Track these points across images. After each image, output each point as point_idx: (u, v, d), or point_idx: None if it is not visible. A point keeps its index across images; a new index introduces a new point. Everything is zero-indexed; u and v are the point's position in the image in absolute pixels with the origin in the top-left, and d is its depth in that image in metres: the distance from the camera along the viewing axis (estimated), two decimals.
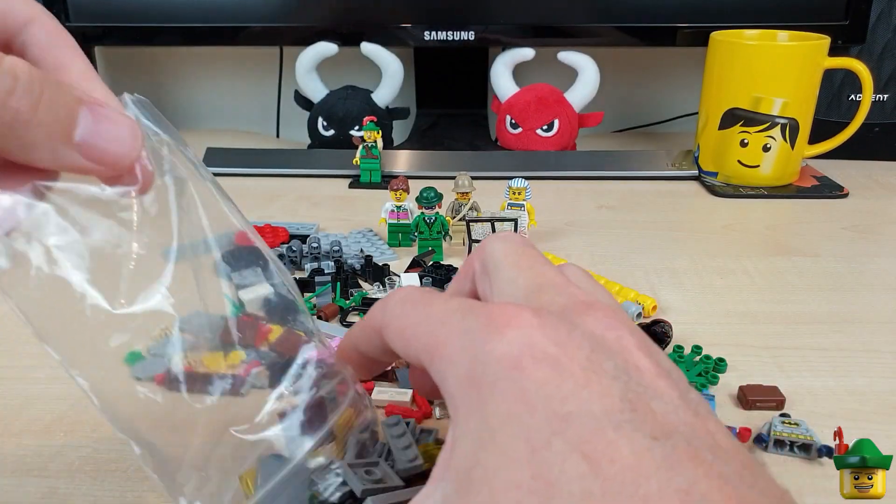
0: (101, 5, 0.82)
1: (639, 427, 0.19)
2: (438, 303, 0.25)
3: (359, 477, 0.32)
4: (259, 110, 1.04)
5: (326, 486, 0.32)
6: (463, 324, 0.23)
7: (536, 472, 0.19)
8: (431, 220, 0.58)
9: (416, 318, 0.25)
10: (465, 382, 0.21)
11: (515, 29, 0.82)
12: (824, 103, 0.80)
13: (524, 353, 0.21)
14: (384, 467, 0.33)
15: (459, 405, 0.21)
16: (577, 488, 0.18)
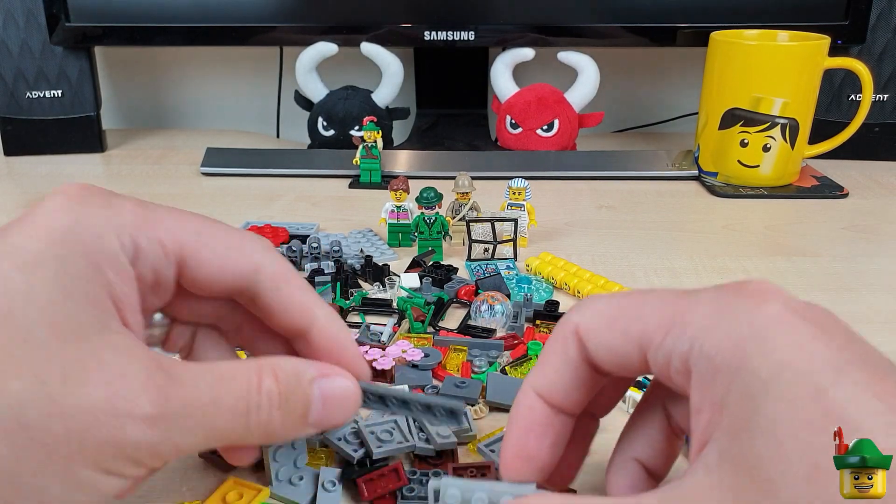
0: (101, 5, 0.82)
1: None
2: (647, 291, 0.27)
3: (374, 437, 0.34)
4: (259, 110, 1.04)
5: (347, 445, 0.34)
6: (716, 293, 0.24)
7: (827, 410, 0.20)
8: (431, 220, 0.58)
9: (629, 302, 0.26)
10: (727, 342, 0.23)
11: (515, 29, 0.82)
12: (824, 103, 0.80)
13: (791, 312, 0.22)
14: (401, 429, 0.35)
15: (720, 366, 0.22)
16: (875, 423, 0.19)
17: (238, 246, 0.29)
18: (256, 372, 0.26)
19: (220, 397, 0.25)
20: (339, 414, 0.28)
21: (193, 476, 0.35)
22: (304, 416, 0.27)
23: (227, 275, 0.28)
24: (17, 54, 0.82)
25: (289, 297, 0.29)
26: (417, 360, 0.43)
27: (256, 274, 0.29)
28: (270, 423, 0.26)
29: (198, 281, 0.28)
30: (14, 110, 0.84)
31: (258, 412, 0.25)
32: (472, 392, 0.40)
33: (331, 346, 0.30)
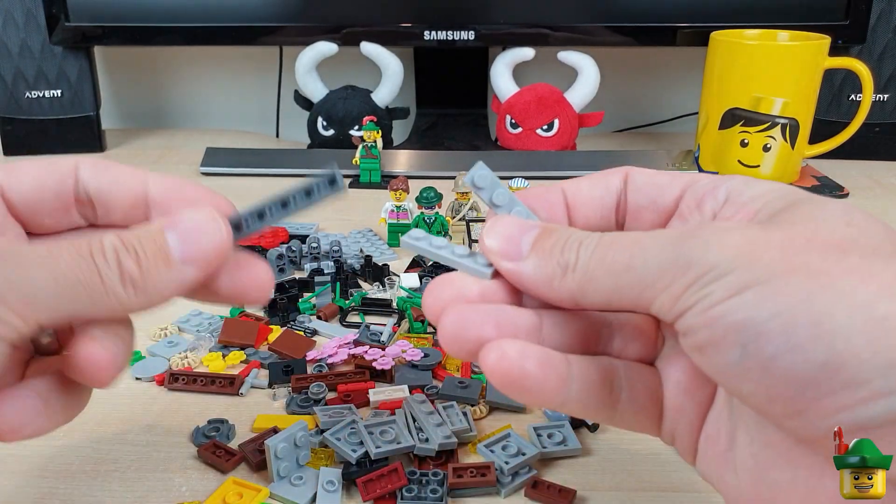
0: (101, 5, 0.82)
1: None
2: None
3: (374, 437, 0.35)
4: (259, 110, 1.04)
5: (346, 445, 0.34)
6: None
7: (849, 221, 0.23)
8: (431, 220, 0.58)
9: None
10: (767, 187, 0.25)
11: (515, 29, 0.82)
12: (824, 103, 0.79)
13: None
14: (401, 429, 0.35)
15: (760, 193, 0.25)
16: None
17: (50, 160, 0.29)
18: (98, 234, 0.25)
19: (54, 249, 0.24)
20: (206, 240, 0.26)
21: (193, 477, 0.35)
22: (163, 254, 0.25)
23: (50, 182, 0.29)
24: (17, 54, 0.82)
25: (116, 172, 0.29)
26: (417, 360, 0.43)
27: (76, 168, 0.29)
28: (125, 268, 0.25)
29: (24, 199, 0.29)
30: (14, 110, 0.84)
31: (103, 255, 0.24)
32: (472, 392, 0.40)
33: (172, 194, 0.29)
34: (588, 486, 0.34)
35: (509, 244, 0.25)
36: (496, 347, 0.24)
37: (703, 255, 0.22)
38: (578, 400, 0.25)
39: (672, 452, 0.37)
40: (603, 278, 0.23)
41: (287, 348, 0.45)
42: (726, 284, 0.21)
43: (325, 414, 0.38)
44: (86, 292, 0.24)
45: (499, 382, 0.24)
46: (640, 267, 0.22)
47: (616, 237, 0.24)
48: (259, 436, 0.37)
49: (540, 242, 0.25)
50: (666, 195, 0.28)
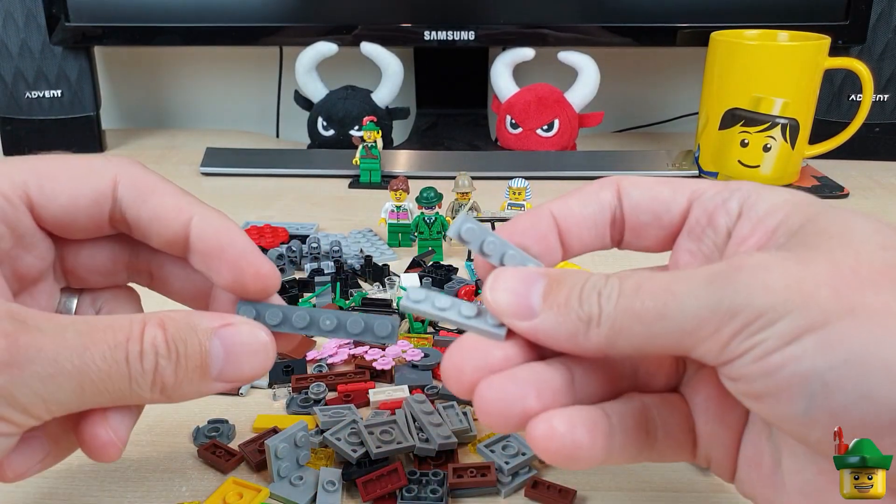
0: (101, 5, 0.81)
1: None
2: None
3: (374, 437, 0.35)
4: (259, 110, 1.04)
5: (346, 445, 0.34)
6: None
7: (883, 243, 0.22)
8: (431, 220, 0.58)
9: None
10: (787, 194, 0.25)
11: (515, 29, 0.82)
12: (825, 103, 0.79)
13: None
14: (401, 429, 0.35)
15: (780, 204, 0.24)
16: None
17: (88, 170, 0.27)
18: (141, 321, 0.24)
19: (90, 344, 0.23)
20: (249, 365, 0.26)
21: (193, 476, 0.35)
22: (203, 368, 0.24)
23: (84, 200, 0.27)
24: (17, 54, 0.82)
25: (159, 203, 0.27)
26: (417, 360, 0.43)
27: (115, 189, 0.27)
28: (160, 376, 0.24)
29: (59, 219, 0.27)
30: (14, 110, 0.84)
31: (139, 362, 0.23)
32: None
33: (213, 244, 0.27)
34: (588, 486, 0.34)
35: (518, 301, 0.24)
36: (543, 423, 0.23)
37: (748, 300, 0.20)
38: (622, 450, 0.25)
39: None
40: (634, 328, 0.22)
41: (287, 348, 0.45)
42: (781, 331, 0.20)
43: (325, 414, 0.38)
44: (109, 393, 0.23)
45: (550, 458, 0.23)
46: (675, 316, 0.21)
47: (639, 282, 0.22)
48: (259, 436, 0.37)
49: (552, 295, 0.23)
50: (671, 210, 0.26)
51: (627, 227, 0.27)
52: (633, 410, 0.25)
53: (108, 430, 0.25)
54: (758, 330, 0.20)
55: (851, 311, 0.20)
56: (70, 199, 0.27)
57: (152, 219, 0.27)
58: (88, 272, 0.30)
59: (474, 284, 0.53)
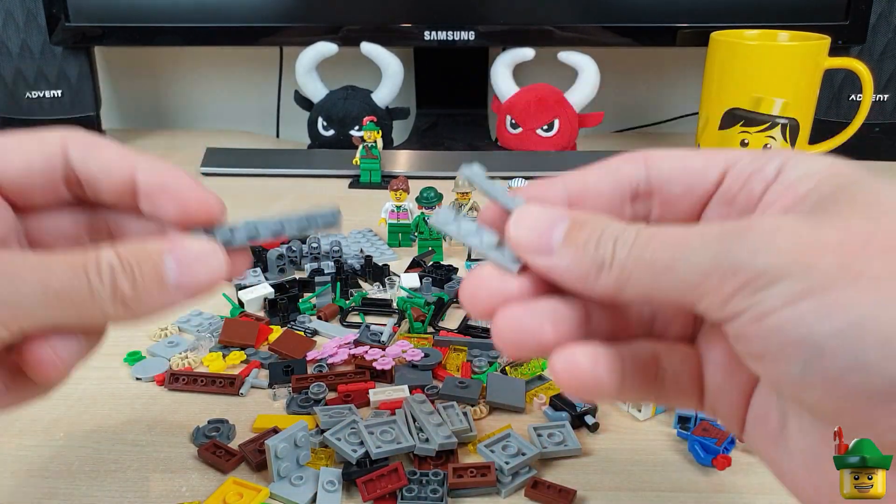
0: (101, 5, 0.82)
1: None
2: None
3: (374, 437, 0.35)
4: (259, 110, 1.04)
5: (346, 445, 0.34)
6: None
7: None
8: None
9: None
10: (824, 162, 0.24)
11: (515, 29, 0.82)
12: (824, 103, 0.79)
13: None
14: (401, 430, 0.35)
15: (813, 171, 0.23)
16: None
17: (36, 137, 0.29)
18: (96, 247, 0.25)
19: (51, 262, 0.24)
20: (202, 270, 0.27)
21: (193, 477, 0.35)
22: (159, 279, 0.26)
23: (35, 164, 0.28)
24: (17, 54, 0.82)
25: (103, 156, 0.29)
26: (417, 360, 0.43)
27: (65, 150, 0.29)
28: (119, 288, 0.25)
29: (12, 180, 0.28)
30: (14, 110, 0.84)
31: (98, 275, 0.25)
32: (472, 392, 0.40)
33: (159, 185, 0.29)
34: (588, 486, 0.34)
35: (539, 237, 0.24)
36: (567, 357, 0.24)
37: (751, 258, 0.20)
38: (630, 390, 0.25)
39: (672, 452, 0.37)
40: (642, 277, 0.22)
41: (287, 348, 0.45)
42: (780, 292, 0.20)
43: (325, 414, 0.38)
44: (73, 306, 0.24)
45: (570, 388, 0.24)
46: (681, 268, 0.21)
47: (654, 233, 0.22)
48: (259, 436, 0.37)
49: (572, 235, 0.24)
50: (706, 179, 0.26)
51: (658, 199, 0.27)
52: (644, 355, 0.26)
53: (50, 350, 0.25)
54: (758, 289, 0.20)
55: (855, 277, 0.19)
56: (24, 165, 0.28)
57: (101, 170, 0.29)
58: (53, 239, 0.31)
59: None
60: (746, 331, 0.21)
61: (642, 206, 0.28)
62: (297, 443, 0.34)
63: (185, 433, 0.38)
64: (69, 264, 0.24)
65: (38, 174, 0.29)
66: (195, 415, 0.39)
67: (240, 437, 0.38)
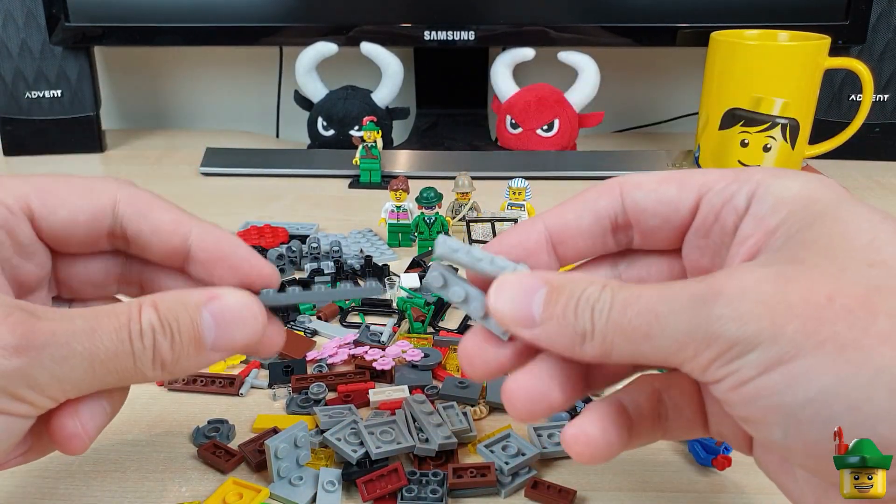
0: (101, 5, 0.81)
1: None
2: None
3: (374, 438, 0.35)
4: (259, 110, 1.04)
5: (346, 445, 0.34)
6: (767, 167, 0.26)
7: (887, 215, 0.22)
8: (431, 220, 0.58)
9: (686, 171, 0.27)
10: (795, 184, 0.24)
11: (515, 29, 0.82)
12: (825, 103, 0.79)
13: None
14: (401, 430, 0.35)
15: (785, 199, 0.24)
16: None
17: (88, 187, 0.29)
18: (136, 303, 0.26)
19: (96, 327, 0.24)
20: (240, 331, 0.27)
21: (193, 477, 0.35)
22: (197, 341, 0.26)
23: (83, 216, 0.28)
24: (17, 54, 0.82)
25: (158, 219, 0.29)
26: (417, 360, 0.43)
27: (115, 206, 0.29)
28: (159, 352, 0.25)
29: (58, 231, 0.28)
30: (14, 110, 0.84)
31: (141, 339, 0.25)
32: (472, 392, 0.40)
33: (216, 254, 0.29)
34: (588, 486, 0.34)
35: (520, 311, 0.24)
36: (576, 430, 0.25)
37: (722, 329, 0.21)
38: (638, 437, 0.26)
39: (672, 452, 0.37)
40: (623, 346, 0.23)
41: (287, 348, 0.45)
42: (753, 361, 0.20)
43: (325, 414, 0.38)
44: (116, 373, 0.25)
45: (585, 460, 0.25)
46: (658, 337, 0.22)
47: (628, 299, 0.23)
48: (259, 436, 0.37)
49: (550, 306, 0.24)
50: (679, 210, 0.26)
51: (636, 230, 0.28)
52: (646, 397, 0.27)
53: (77, 422, 0.26)
54: (732, 359, 0.21)
55: (820, 345, 0.20)
56: (70, 214, 0.28)
57: (153, 233, 0.29)
58: (81, 284, 0.31)
59: None
60: (729, 397, 0.22)
61: (623, 237, 0.28)
62: (297, 443, 0.34)
63: (185, 433, 0.38)
64: (114, 329, 0.25)
65: (83, 226, 0.29)
66: (195, 415, 0.39)
67: (240, 437, 0.38)
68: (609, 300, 0.23)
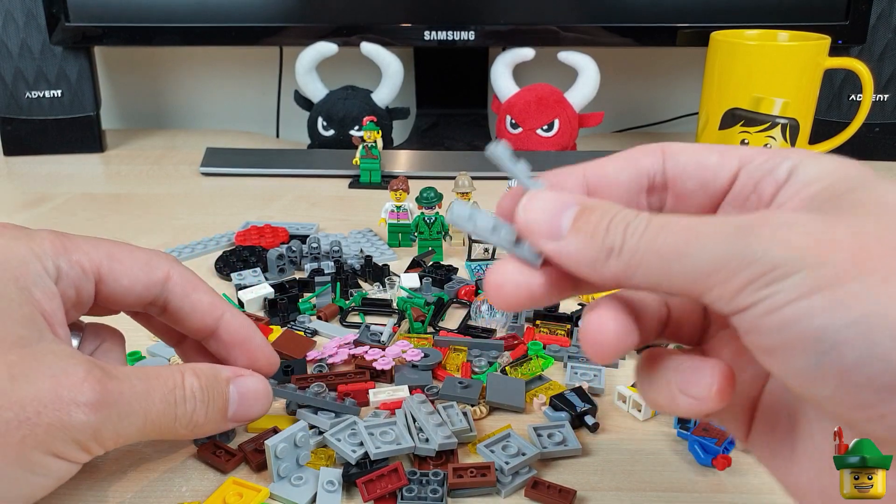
0: (101, 5, 0.82)
1: None
2: None
3: (374, 438, 0.35)
4: (259, 110, 1.04)
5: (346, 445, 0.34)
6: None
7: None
8: (431, 220, 0.58)
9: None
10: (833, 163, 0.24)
11: (515, 29, 0.82)
12: (824, 103, 0.79)
13: None
14: (401, 430, 0.36)
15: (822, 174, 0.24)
16: None
17: (147, 261, 0.34)
18: (180, 371, 0.30)
19: (150, 390, 0.29)
20: (255, 408, 0.33)
21: (193, 477, 0.35)
22: (223, 411, 0.31)
23: (139, 286, 0.33)
24: (17, 54, 0.82)
25: (198, 300, 0.34)
26: (417, 360, 0.43)
27: (166, 283, 0.34)
28: (195, 416, 0.30)
29: (114, 294, 0.33)
30: (14, 110, 0.84)
31: (184, 404, 0.30)
32: (472, 392, 0.40)
33: (238, 338, 0.35)
34: (588, 486, 0.34)
35: (548, 222, 0.24)
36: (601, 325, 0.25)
37: (766, 250, 0.20)
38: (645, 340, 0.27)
39: (672, 452, 0.37)
40: (652, 263, 0.22)
41: (287, 348, 0.45)
42: (794, 285, 0.20)
43: (325, 414, 0.38)
44: (157, 430, 0.29)
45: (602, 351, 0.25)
46: (694, 255, 0.21)
47: (667, 220, 0.22)
48: (259, 436, 0.37)
49: (581, 220, 0.24)
50: (718, 177, 0.26)
51: (671, 193, 0.27)
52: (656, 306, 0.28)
53: None
54: (771, 281, 0.20)
55: (868, 272, 0.20)
56: (130, 283, 0.33)
57: (191, 311, 0.34)
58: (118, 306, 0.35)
59: (474, 284, 0.53)
60: (758, 323, 0.21)
61: (657, 199, 0.28)
62: (297, 443, 0.34)
63: None
64: (164, 393, 0.29)
65: (136, 295, 0.34)
66: None
67: (240, 437, 0.38)
68: (646, 221, 0.23)
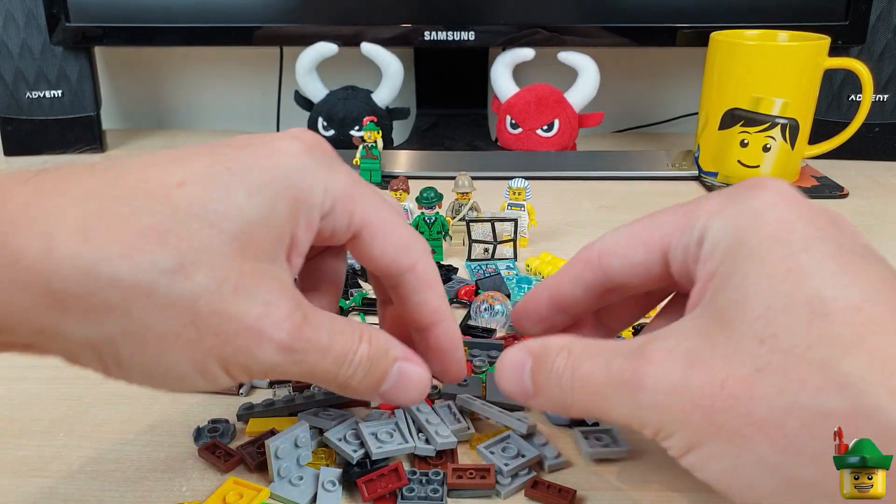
0: (101, 5, 0.82)
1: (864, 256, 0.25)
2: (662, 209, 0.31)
3: (374, 438, 0.35)
4: (259, 110, 1.04)
5: (347, 445, 0.34)
6: (724, 190, 0.29)
7: (791, 267, 0.24)
8: (431, 220, 0.58)
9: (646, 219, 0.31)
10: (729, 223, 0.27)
11: (515, 29, 0.82)
12: (824, 103, 0.79)
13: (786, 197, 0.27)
14: (401, 430, 0.36)
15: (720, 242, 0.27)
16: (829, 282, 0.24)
17: (406, 244, 0.32)
18: (359, 336, 0.30)
19: (330, 348, 0.28)
20: (408, 394, 0.31)
21: (193, 476, 0.35)
22: (377, 385, 0.30)
23: (387, 262, 0.32)
24: (17, 54, 0.82)
25: (428, 300, 0.33)
26: None
27: (411, 272, 0.33)
28: (352, 380, 0.29)
29: (363, 255, 0.32)
30: (14, 110, 0.84)
31: (348, 367, 0.29)
32: (472, 392, 0.40)
33: (442, 349, 0.34)
34: (588, 486, 0.34)
35: (519, 389, 0.30)
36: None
37: (647, 417, 0.26)
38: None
39: None
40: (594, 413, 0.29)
41: None
42: (675, 444, 0.26)
43: (325, 414, 0.38)
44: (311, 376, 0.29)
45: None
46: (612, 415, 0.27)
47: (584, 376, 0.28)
48: (259, 436, 0.37)
49: (536, 381, 0.30)
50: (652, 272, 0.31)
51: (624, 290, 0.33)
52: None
53: None
54: (663, 439, 0.26)
55: (716, 434, 0.24)
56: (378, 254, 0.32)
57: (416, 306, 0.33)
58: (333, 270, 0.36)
59: (474, 284, 0.53)
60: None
61: (616, 296, 0.33)
62: (297, 443, 0.34)
63: (185, 433, 0.38)
64: (340, 355, 0.29)
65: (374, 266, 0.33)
66: (195, 414, 0.39)
67: (240, 438, 0.38)
68: (570, 378, 0.28)
